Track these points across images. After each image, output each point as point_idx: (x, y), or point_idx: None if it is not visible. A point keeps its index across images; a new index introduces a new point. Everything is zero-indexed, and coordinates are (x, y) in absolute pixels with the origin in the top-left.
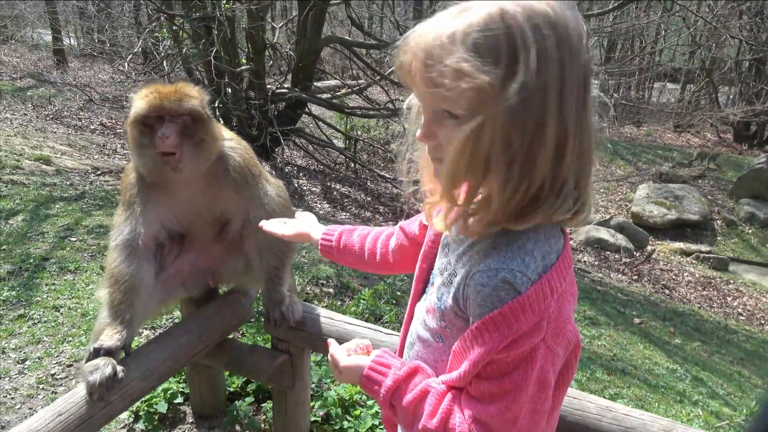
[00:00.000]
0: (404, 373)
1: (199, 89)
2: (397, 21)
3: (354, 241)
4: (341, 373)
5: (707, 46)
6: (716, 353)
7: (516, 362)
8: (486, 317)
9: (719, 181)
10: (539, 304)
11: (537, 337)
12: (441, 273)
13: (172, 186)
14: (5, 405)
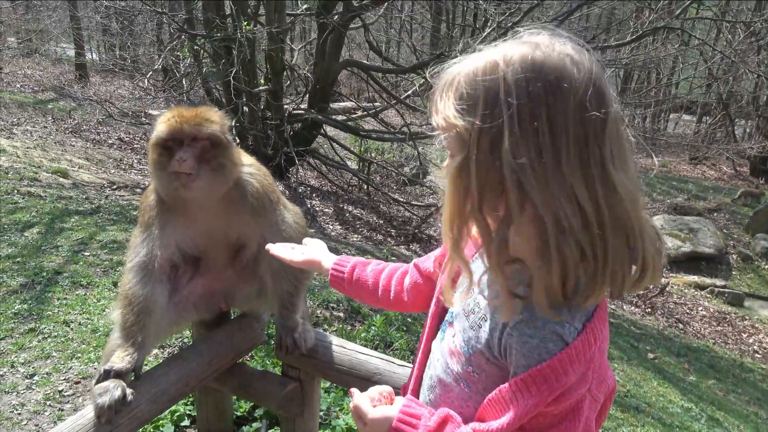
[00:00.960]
0: (435, 424)
1: (221, 114)
2: (414, 46)
3: (367, 276)
4: (366, 425)
5: (724, 80)
6: (732, 392)
7: (563, 414)
8: (534, 369)
9: (735, 215)
10: (585, 353)
11: (584, 388)
12: (466, 314)
13: (190, 209)
14: (12, 420)
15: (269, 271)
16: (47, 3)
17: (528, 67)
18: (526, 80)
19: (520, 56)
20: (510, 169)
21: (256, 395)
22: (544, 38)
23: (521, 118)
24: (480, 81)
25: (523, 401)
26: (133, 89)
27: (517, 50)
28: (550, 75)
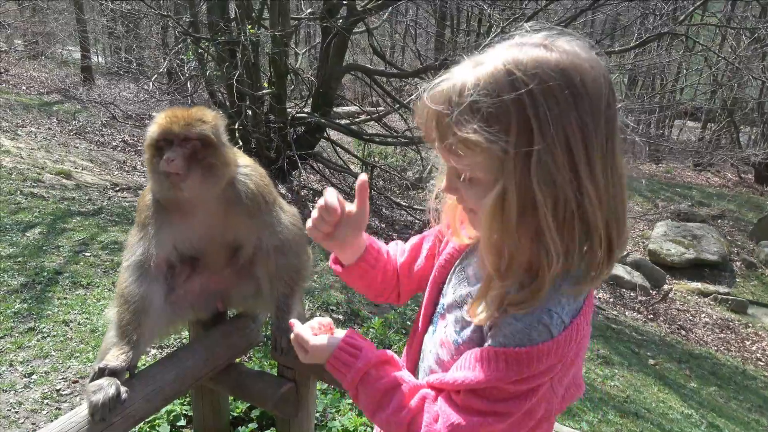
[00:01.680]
0: (375, 358)
1: (215, 114)
2: (419, 50)
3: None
4: (308, 352)
5: (729, 86)
6: (733, 399)
7: (517, 393)
8: (510, 350)
9: (739, 222)
10: (564, 348)
11: (547, 377)
12: (460, 306)
13: (186, 210)
14: (9, 419)
15: (265, 273)
16: (54, 5)
17: (551, 74)
18: (554, 89)
19: (536, 62)
20: (548, 184)
21: (251, 396)
22: (543, 38)
23: (555, 131)
24: (504, 97)
25: (486, 371)
26: (138, 92)
27: (529, 55)
28: (574, 78)
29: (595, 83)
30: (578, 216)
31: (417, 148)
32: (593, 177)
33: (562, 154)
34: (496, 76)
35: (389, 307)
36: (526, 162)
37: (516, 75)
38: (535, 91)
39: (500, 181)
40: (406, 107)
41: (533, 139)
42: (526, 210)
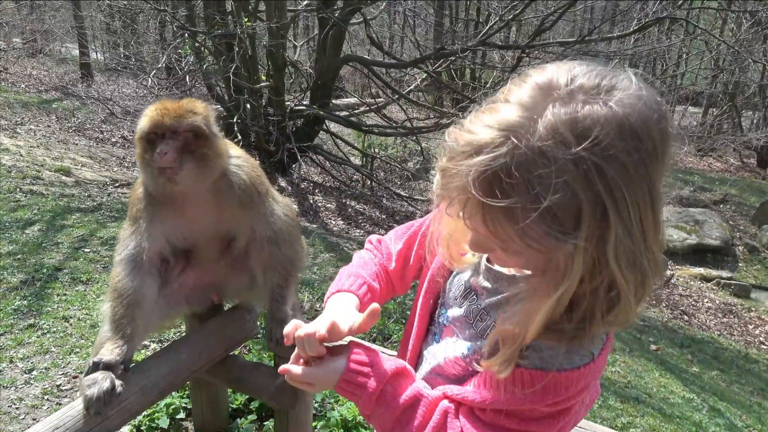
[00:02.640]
0: (390, 373)
1: (206, 105)
2: (417, 40)
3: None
4: (314, 385)
5: (730, 70)
6: (735, 383)
7: (551, 413)
8: (549, 373)
9: (741, 207)
10: (601, 365)
11: (582, 395)
12: (470, 322)
13: (178, 202)
14: (10, 415)
15: (259, 264)
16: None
17: (622, 146)
18: (628, 165)
19: (603, 133)
20: (629, 264)
21: (249, 387)
22: (593, 80)
23: (632, 207)
24: (578, 191)
25: (521, 393)
26: (137, 87)
27: (591, 121)
28: (646, 142)
29: (663, 135)
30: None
31: (417, 138)
32: (657, 231)
33: (638, 225)
34: (559, 161)
35: None
36: (600, 246)
37: (584, 158)
38: (612, 175)
39: (566, 281)
40: (406, 97)
41: (609, 225)
42: (585, 282)
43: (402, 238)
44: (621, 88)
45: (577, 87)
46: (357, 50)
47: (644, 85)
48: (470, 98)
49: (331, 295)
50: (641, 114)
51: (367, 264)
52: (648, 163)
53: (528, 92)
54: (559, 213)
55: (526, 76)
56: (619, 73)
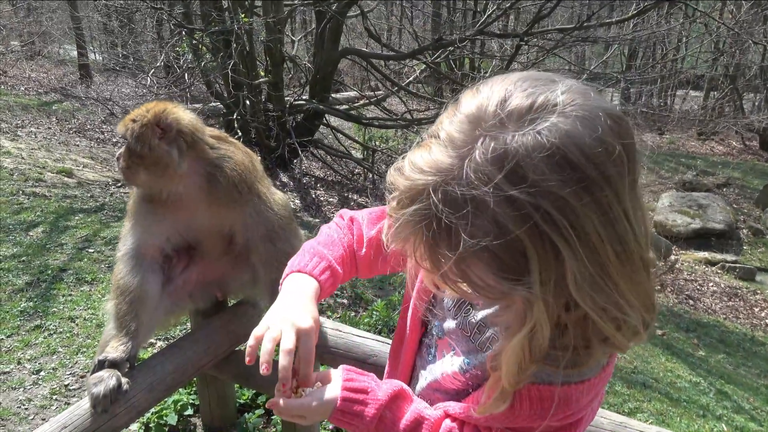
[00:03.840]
0: (387, 397)
1: (159, 111)
2: (415, 32)
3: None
4: (306, 418)
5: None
6: (742, 366)
7: (562, 427)
8: (558, 388)
9: (744, 190)
10: (611, 370)
11: (591, 405)
12: (467, 335)
13: (170, 201)
14: (19, 416)
15: (259, 260)
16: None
17: (559, 177)
18: (563, 196)
19: (534, 167)
20: (593, 289)
21: (255, 382)
22: (522, 104)
23: (579, 242)
24: (507, 225)
25: (529, 410)
26: (136, 87)
27: (522, 157)
28: (586, 168)
29: (608, 156)
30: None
31: (417, 130)
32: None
33: (593, 261)
34: (491, 206)
35: (393, 289)
36: (558, 284)
37: (517, 198)
38: (549, 210)
39: (528, 322)
40: (405, 89)
41: (563, 259)
42: (561, 314)
43: (376, 223)
44: (556, 108)
45: (507, 114)
46: (355, 43)
47: (587, 101)
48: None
49: (291, 273)
50: (576, 139)
51: (334, 244)
52: (594, 190)
53: (457, 127)
54: (503, 257)
55: (458, 104)
56: (558, 87)
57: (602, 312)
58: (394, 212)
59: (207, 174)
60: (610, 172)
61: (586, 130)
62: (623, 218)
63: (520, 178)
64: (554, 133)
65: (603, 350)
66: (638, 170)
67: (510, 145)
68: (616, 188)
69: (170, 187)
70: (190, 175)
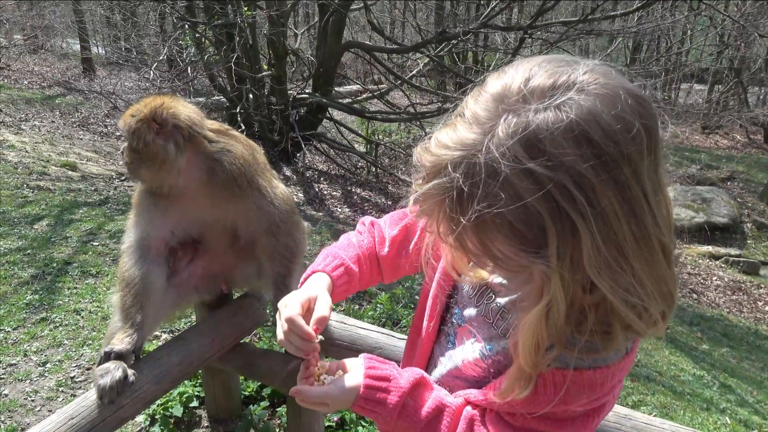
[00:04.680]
0: (409, 384)
1: (158, 105)
2: (419, 25)
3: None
4: (328, 405)
5: (735, 46)
6: (746, 359)
7: (586, 413)
8: (583, 372)
9: (749, 184)
10: (632, 361)
11: (615, 391)
12: (490, 322)
13: (173, 195)
14: (25, 407)
15: (263, 253)
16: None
17: (577, 151)
18: (581, 171)
19: (553, 139)
20: (607, 266)
21: (260, 374)
22: (545, 82)
23: (593, 218)
24: (527, 198)
25: (553, 395)
26: (138, 80)
27: (541, 130)
28: (605, 145)
29: (629, 134)
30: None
31: (420, 123)
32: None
33: (609, 238)
34: (511, 178)
35: (396, 282)
36: (575, 260)
37: (535, 171)
38: (566, 183)
39: (545, 296)
40: (408, 83)
41: (579, 236)
42: (580, 296)
43: (398, 224)
44: (579, 87)
45: (530, 92)
46: (358, 36)
47: (610, 81)
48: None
49: (307, 278)
50: (596, 116)
51: (350, 246)
52: (612, 167)
53: (483, 105)
54: (522, 229)
55: (484, 84)
56: (580, 67)
57: (619, 294)
58: (419, 188)
59: (207, 168)
60: (629, 150)
61: (605, 107)
62: (642, 198)
63: (539, 152)
64: (574, 109)
65: (624, 335)
66: (660, 152)
67: (531, 120)
68: (635, 167)
69: (171, 181)
70: (191, 170)
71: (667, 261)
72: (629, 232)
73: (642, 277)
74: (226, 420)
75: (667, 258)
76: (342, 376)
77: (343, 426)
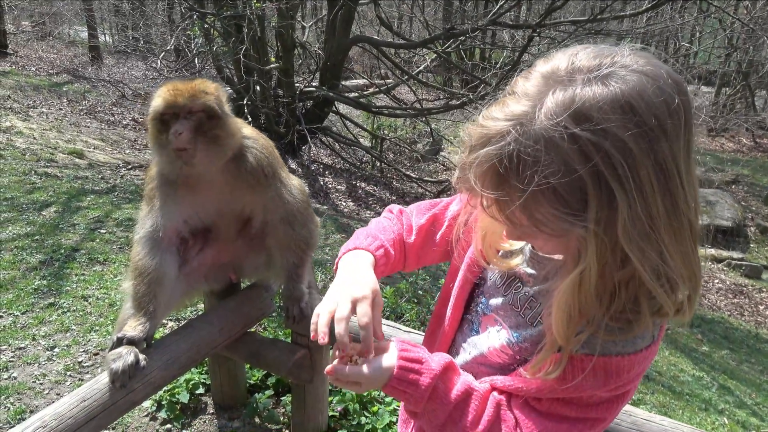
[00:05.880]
0: (440, 367)
1: (217, 86)
2: (427, 21)
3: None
4: (361, 384)
5: (744, 49)
6: (745, 362)
7: (610, 398)
8: (610, 358)
9: (753, 187)
10: (657, 348)
11: (640, 377)
12: (517, 310)
13: (191, 183)
14: (34, 390)
15: (275, 243)
16: None
17: (621, 121)
18: (628, 140)
19: (599, 110)
20: (629, 248)
21: (266, 363)
22: (591, 60)
23: (633, 184)
24: (578, 169)
25: (581, 380)
26: (146, 70)
27: (588, 101)
28: (647, 118)
29: (669, 110)
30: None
31: (426, 119)
32: (673, 217)
33: (643, 207)
34: (558, 143)
35: (401, 276)
36: (610, 227)
37: (581, 137)
38: (609, 149)
39: (581, 263)
40: (415, 78)
41: (616, 204)
42: (612, 270)
43: (425, 213)
44: (622, 65)
45: (577, 69)
46: (366, 31)
47: (651, 61)
48: (480, 79)
49: (348, 251)
50: (640, 89)
51: (386, 229)
52: (651, 138)
53: (533, 82)
54: (564, 194)
55: (533, 67)
56: (623, 50)
57: (648, 264)
58: (467, 158)
59: (234, 156)
60: (667, 125)
61: (648, 82)
62: (676, 175)
63: (584, 118)
64: (619, 82)
65: (653, 320)
66: (692, 137)
67: (579, 91)
68: (671, 143)
69: (219, 163)
70: None
71: (693, 242)
72: (662, 204)
73: (671, 250)
74: (232, 407)
75: (694, 239)
76: (375, 357)
77: (346, 416)
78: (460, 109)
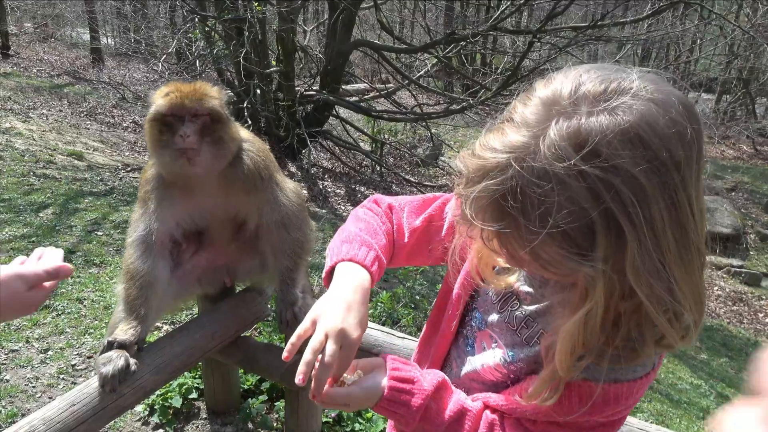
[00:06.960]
0: (432, 387)
1: (219, 89)
2: (428, 26)
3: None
4: (350, 405)
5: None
6: (744, 370)
7: (607, 423)
8: (608, 385)
9: (753, 195)
10: (655, 374)
11: (637, 402)
12: (513, 329)
13: (187, 185)
14: (26, 393)
15: (269, 247)
16: None
17: (632, 157)
18: (638, 176)
19: (609, 144)
20: (636, 284)
21: (259, 368)
22: (597, 86)
23: (644, 221)
24: (578, 201)
25: (578, 406)
26: (147, 72)
27: (596, 132)
28: (657, 149)
29: (681, 140)
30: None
31: (426, 124)
32: (684, 253)
33: (653, 243)
34: (565, 181)
35: (398, 281)
36: (618, 264)
37: (590, 174)
38: (619, 187)
39: (588, 302)
40: (416, 83)
41: (626, 241)
42: (617, 301)
43: (419, 214)
44: (630, 92)
45: (581, 96)
46: (367, 35)
47: (661, 87)
48: (481, 84)
49: (342, 261)
50: (650, 120)
51: (377, 233)
52: (663, 173)
53: (532, 110)
54: (571, 233)
55: (532, 90)
56: (630, 74)
57: (656, 300)
58: (464, 191)
59: (229, 160)
60: (679, 157)
61: (660, 111)
62: (686, 205)
63: (593, 154)
64: (628, 113)
65: (654, 349)
66: (703, 160)
67: (584, 123)
68: (683, 174)
69: (221, 166)
70: None
71: (701, 269)
72: (672, 239)
73: (681, 283)
74: (225, 413)
75: (701, 266)
76: (364, 377)
77: (340, 422)
78: (461, 113)
